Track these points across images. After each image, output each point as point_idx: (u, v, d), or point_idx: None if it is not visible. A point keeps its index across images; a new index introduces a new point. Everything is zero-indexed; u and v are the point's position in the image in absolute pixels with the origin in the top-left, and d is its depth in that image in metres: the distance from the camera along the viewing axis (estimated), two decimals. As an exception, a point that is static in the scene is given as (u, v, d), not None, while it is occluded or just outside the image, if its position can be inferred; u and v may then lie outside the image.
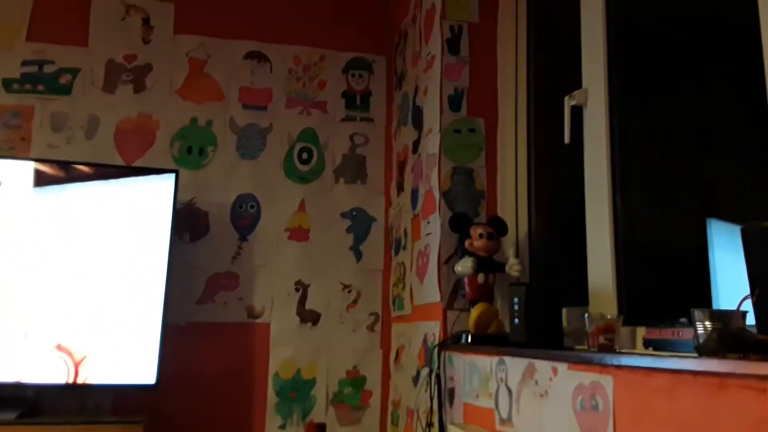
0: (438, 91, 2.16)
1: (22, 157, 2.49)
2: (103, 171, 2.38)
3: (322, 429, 2.26)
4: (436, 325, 2.06)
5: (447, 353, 1.97)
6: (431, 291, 2.11)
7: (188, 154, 2.69)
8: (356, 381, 2.66)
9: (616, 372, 1.13)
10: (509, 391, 1.54)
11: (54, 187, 2.31)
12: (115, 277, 2.29)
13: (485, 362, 1.69)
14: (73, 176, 2.33)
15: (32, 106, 2.59)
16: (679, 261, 1.51)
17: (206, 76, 2.75)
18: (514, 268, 1.84)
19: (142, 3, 2.74)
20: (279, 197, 2.73)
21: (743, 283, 1.02)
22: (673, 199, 1.58)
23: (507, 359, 1.56)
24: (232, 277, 2.63)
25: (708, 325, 0.99)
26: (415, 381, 2.25)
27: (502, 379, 1.58)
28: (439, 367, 1.98)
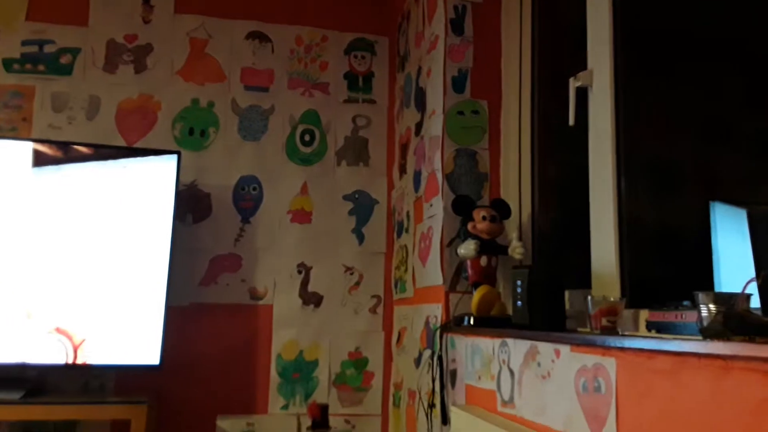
0: (441, 72, 2.13)
1: (24, 137, 2.49)
2: (105, 152, 2.37)
3: (324, 410, 2.28)
4: (438, 307, 2.06)
5: (449, 335, 1.97)
6: (434, 273, 2.11)
7: (190, 136, 2.67)
8: (358, 362, 2.67)
9: (619, 354, 1.13)
10: (511, 372, 1.55)
11: (55, 168, 2.30)
12: (119, 259, 2.29)
13: (487, 344, 1.69)
14: (74, 157, 2.32)
15: (33, 87, 2.57)
16: (683, 244, 1.51)
17: (207, 56, 2.73)
18: (517, 250, 1.84)
19: (143, -18, 2.71)
20: (281, 179, 2.73)
21: (746, 267, 1.02)
22: (677, 182, 1.57)
23: (509, 341, 1.57)
24: (235, 258, 2.64)
25: (712, 307, 0.98)
26: (416, 363, 2.26)
27: (504, 361, 1.59)
28: (441, 349, 1.99)
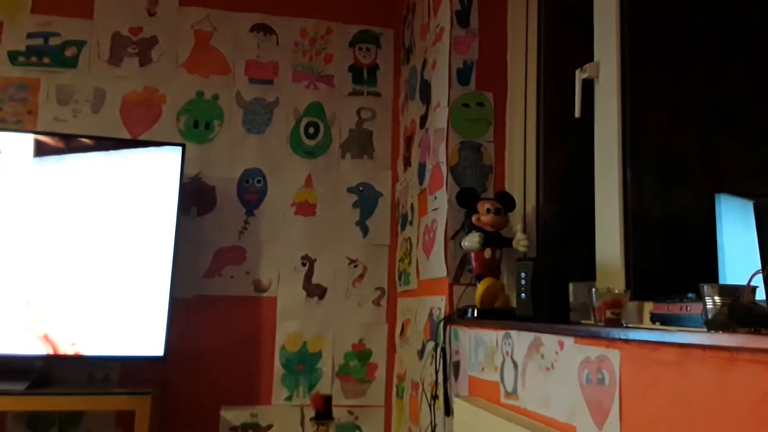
0: (447, 64, 2.13)
1: (29, 130, 2.49)
2: (110, 145, 2.38)
3: (327, 401, 2.28)
4: (442, 299, 2.07)
5: (453, 327, 1.97)
6: (438, 266, 2.11)
7: (194, 128, 2.68)
8: (362, 354, 2.67)
9: (623, 346, 1.13)
10: (515, 364, 1.55)
11: (60, 161, 2.31)
12: (124, 251, 2.30)
13: (491, 336, 1.69)
14: (79, 150, 2.33)
15: (38, 79, 2.58)
16: (688, 236, 1.50)
17: (212, 49, 2.73)
18: (521, 243, 1.84)
19: (147, -26, 2.71)
20: (285, 172, 2.73)
21: (751, 259, 1.02)
22: (682, 174, 1.57)
23: (513, 333, 1.57)
24: (239, 251, 2.64)
25: (717, 299, 0.98)
26: (420, 354, 2.26)
27: (507, 353, 1.59)
28: (444, 341, 1.99)
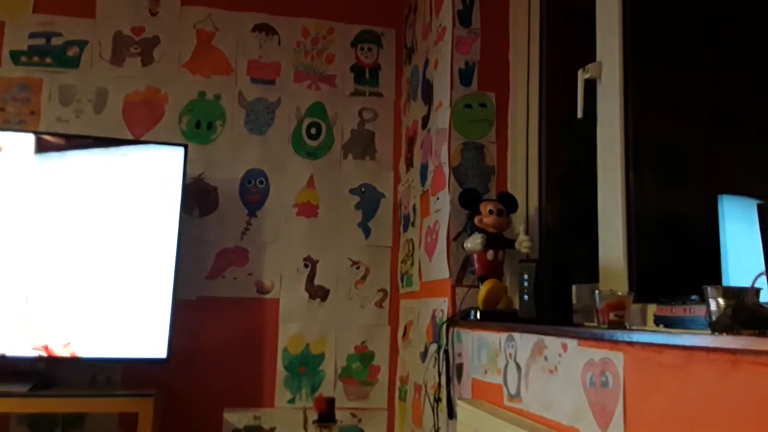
0: (449, 64, 2.12)
1: (32, 130, 2.49)
2: (112, 145, 2.37)
3: (330, 403, 2.28)
4: (444, 301, 2.06)
5: (455, 329, 1.97)
6: (440, 267, 2.10)
7: (197, 129, 2.67)
8: (364, 356, 2.67)
9: (626, 348, 1.12)
10: (518, 367, 1.54)
11: (63, 162, 2.31)
12: (126, 253, 2.30)
13: (494, 338, 1.68)
14: (81, 151, 2.33)
15: (41, 79, 2.58)
16: (691, 238, 1.49)
17: (214, 49, 2.73)
18: (524, 244, 1.83)
19: (149, -26, 2.71)
20: (287, 173, 2.72)
21: (754, 261, 1.01)
22: (685, 176, 1.56)
23: (516, 335, 1.56)
24: (242, 252, 2.64)
25: (721, 301, 0.97)
26: (423, 357, 2.26)
27: (510, 355, 1.58)
28: (447, 343, 1.98)
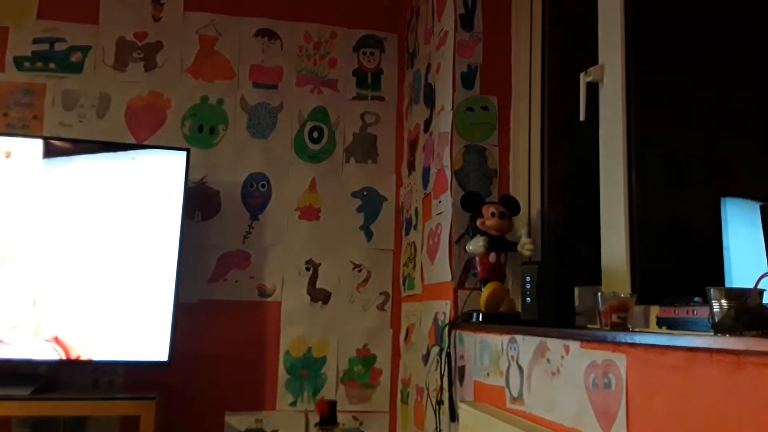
0: (451, 68, 2.13)
1: (35, 135, 2.50)
2: (115, 149, 2.38)
3: (332, 406, 2.28)
4: (446, 304, 2.06)
5: (457, 332, 1.97)
6: (442, 270, 2.10)
7: (199, 133, 2.68)
8: (366, 359, 2.67)
9: (629, 350, 1.12)
10: (520, 369, 1.54)
11: (65, 166, 2.31)
12: (128, 256, 2.30)
13: (496, 340, 1.68)
14: (84, 155, 2.33)
15: (44, 84, 2.59)
16: (694, 239, 1.49)
17: (217, 53, 2.74)
18: (526, 247, 1.83)
19: (152, -21, 2.72)
20: (290, 176, 2.73)
21: (757, 263, 1.01)
22: (688, 178, 1.56)
23: (518, 338, 1.56)
24: (244, 255, 2.64)
25: (724, 303, 0.97)
26: (425, 359, 2.26)
27: (513, 358, 1.58)
28: (449, 346, 1.98)
